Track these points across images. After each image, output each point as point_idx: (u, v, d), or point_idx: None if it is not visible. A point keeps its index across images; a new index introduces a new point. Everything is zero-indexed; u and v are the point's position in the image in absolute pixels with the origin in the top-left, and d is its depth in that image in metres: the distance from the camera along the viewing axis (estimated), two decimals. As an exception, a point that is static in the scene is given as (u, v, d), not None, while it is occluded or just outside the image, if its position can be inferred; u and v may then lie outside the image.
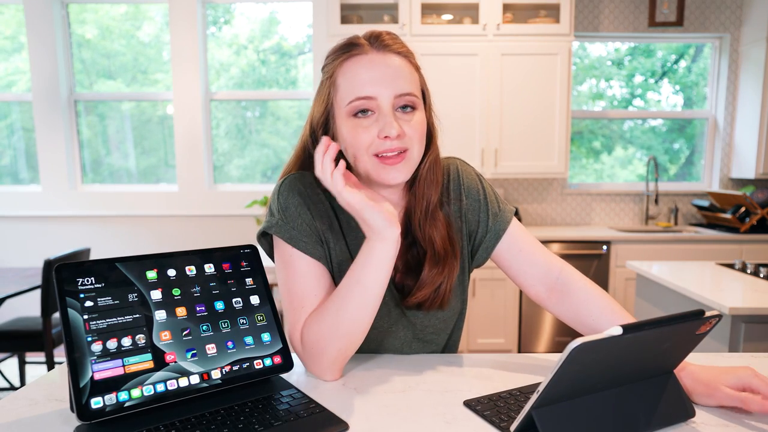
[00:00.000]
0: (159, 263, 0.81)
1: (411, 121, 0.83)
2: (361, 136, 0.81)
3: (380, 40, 0.83)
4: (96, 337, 0.72)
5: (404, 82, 0.82)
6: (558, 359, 0.58)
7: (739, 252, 3.24)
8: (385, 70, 0.81)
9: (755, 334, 1.68)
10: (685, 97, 3.95)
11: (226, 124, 3.88)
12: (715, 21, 3.66)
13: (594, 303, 0.90)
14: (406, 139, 0.82)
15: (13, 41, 3.79)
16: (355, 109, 0.81)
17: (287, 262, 0.88)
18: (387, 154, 0.81)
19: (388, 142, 0.81)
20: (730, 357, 0.97)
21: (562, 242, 3.22)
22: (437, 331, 0.98)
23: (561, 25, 3.30)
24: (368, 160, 0.82)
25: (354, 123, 0.82)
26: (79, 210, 3.76)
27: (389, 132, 0.80)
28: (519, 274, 0.95)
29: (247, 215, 3.71)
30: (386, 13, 3.45)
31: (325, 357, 0.82)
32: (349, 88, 0.82)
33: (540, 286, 0.94)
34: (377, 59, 0.82)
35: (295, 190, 0.88)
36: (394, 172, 0.82)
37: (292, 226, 0.87)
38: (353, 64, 0.82)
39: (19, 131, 3.88)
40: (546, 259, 0.94)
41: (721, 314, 0.66)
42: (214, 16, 3.84)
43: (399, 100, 0.82)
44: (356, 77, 0.81)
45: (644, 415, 0.69)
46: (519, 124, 3.39)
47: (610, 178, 4.01)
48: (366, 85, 0.81)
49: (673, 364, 0.72)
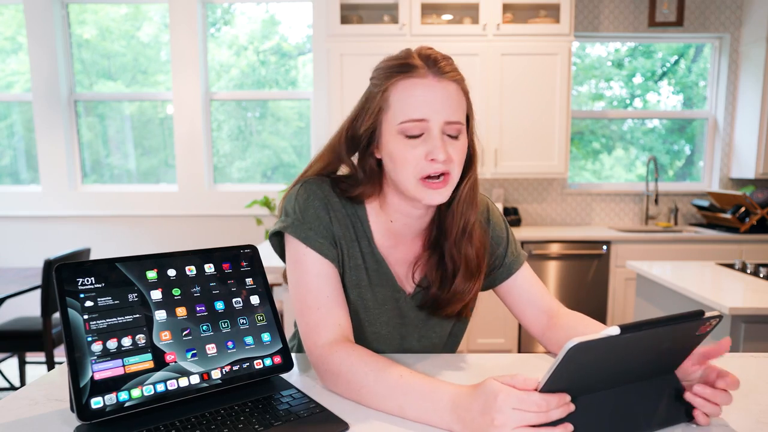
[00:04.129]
0: (159, 263, 0.81)
1: (455, 146, 0.86)
2: (410, 155, 0.84)
3: (438, 66, 0.85)
4: (96, 337, 0.72)
5: (455, 110, 0.85)
6: (555, 359, 0.58)
7: (739, 252, 3.24)
8: (440, 95, 0.84)
9: (755, 334, 1.68)
10: (685, 98, 3.95)
11: (229, 126, 3.88)
12: (715, 21, 3.66)
13: (582, 321, 0.95)
14: (449, 163, 0.85)
15: (13, 42, 3.80)
16: (406, 130, 0.84)
17: (300, 261, 0.89)
18: (431, 179, 0.85)
19: (434, 165, 0.84)
20: (730, 357, 0.97)
21: (562, 242, 3.23)
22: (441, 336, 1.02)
23: (561, 25, 3.30)
24: (413, 181, 0.85)
25: (404, 142, 0.85)
26: (79, 210, 3.76)
27: (437, 156, 0.83)
28: (520, 312, 1.03)
29: (247, 215, 3.71)
30: (386, 13, 3.45)
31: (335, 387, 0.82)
32: (403, 108, 0.84)
33: (538, 326, 1.01)
34: (433, 84, 0.84)
35: (316, 194, 0.91)
36: (436, 195, 0.85)
37: (309, 227, 0.89)
38: (410, 85, 0.84)
39: (19, 131, 3.88)
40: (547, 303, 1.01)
41: (722, 315, 0.66)
42: (214, 16, 3.84)
43: (448, 128, 0.84)
44: (411, 98, 0.84)
45: (644, 415, 0.69)
46: (519, 124, 3.39)
47: (610, 179, 4.01)
48: (420, 108, 0.83)
49: (674, 365, 0.72)
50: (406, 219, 0.94)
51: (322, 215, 0.90)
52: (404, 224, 0.95)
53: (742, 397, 0.79)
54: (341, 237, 0.91)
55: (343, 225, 0.92)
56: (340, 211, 0.92)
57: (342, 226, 0.92)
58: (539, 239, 3.23)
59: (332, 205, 0.92)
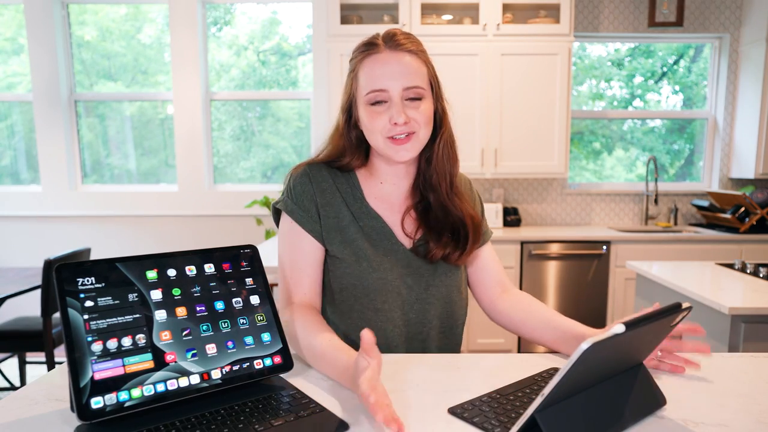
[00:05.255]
0: (159, 263, 0.81)
1: (418, 108, 0.98)
2: (375, 121, 0.98)
3: (394, 40, 0.98)
4: (96, 337, 0.72)
5: (412, 76, 0.97)
6: (568, 361, 0.57)
7: (739, 252, 3.24)
8: (395, 66, 0.97)
9: (755, 334, 1.68)
10: (685, 98, 3.95)
11: (231, 127, 3.88)
12: (715, 21, 3.66)
13: (526, 298, 1.09)
14: (413, 124, 0.97)
15: (14, 43, 3.80)
16: (371, 99, 0.98)
17: (285, 233, 1.04)
18: (397, 137, 0.97)
19: (397, 128, 0.97)
20: (730, 357, 0.97)
21: (562, 242, 3.23)
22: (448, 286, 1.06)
23: (561, 26, 3.30)
24: (382, 141, 0.99)
25: (370, 110, 0.98)
26: (79, 210, 3.76)
27: (397, 119, 0.96)
28: (477, 280, 1.14)
29: (247, 215, 3.71)
30: (386, 13, 3.45)
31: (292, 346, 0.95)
32: (366, 82, 0.98)
33: (490, 295, 1.13)
34: (390, 57, 0.97)
35: (305, 173, 1.05)
36: (402, 151, 0.98)
37: (294, 201, 1.03)
38: (370, 61, 0.98)
39: (19, 132, 3.88)
40: (502, 278, 1.14)
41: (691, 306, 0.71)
42: (214, 16, 3.84)
43: (407, 92, 0.97)
44: (372, 72, 0.97)
45: (628, 407, 0.70)
46: (519, 124, 3.39)
47: (611, 179, 4.01)
48: (379, 80, 0.96)
49: (644, 355, 0.75)
50: (393, 179, 1.07)
51: (307, 189, 1.03)
52: (392, 184, 1.08)
53: (742, 397, 0.79)
54: (327, 204, 1.03)
55: (330, 192, 1.04)
56: (327, 181, 1.05)
57: (329, 193, 1.04)
58: (539, 239, 3.23)
59: (319, 178, 1.04)
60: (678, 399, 0.79)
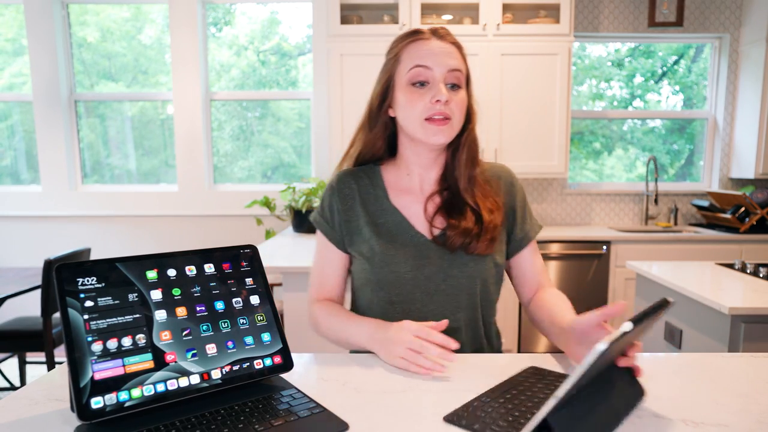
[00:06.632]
0: (159, 263, 0.81)
1: (456, 96, 1.01)
2: (416, 101, 1.00)
3: (439, 33, 1.03)
4: (96, 337, 0.72)
5: (455, 61, 1.01)
6: (583, 363, 0.57)
7: (739, 252, 3.24)
8: (441, 50, 1.01)
9: (755, 334, 1.68)
10: (685, 98, 3.95)
11: (231, 127, 3.88)
12: (715, 21, 3.66)
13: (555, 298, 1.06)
14: (452, 106, 1.00)
15: (14, 43, 3.80)
16: (414, 76, 1.00)
17: (317, 242, 1.14)
18: (435, 117, 0.99)
19: (438, 106, 0.99)
20: (730, 357, 0.97)
21: (562, 242, 3.23)
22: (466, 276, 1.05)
23: (561, 26, 3.30)
24: (419, 123, 1.01)
25: (411, 90, 1.01)
26: (79, 210, 3.76)
27: (440, 97, 0.98)
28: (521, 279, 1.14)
29: (247, 215, 3.71)
30: (386, 13, 3.45)
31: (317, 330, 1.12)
32: (410, 60, 1.01)
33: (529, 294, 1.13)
34: (436, 44, 1.02)
35: (330, 187, 1.12)
36: (439, 134, 1.00)
37: (320, 214, 1.13)
38: (416, 45, 1.02)
39: (19, 132, 3.88)
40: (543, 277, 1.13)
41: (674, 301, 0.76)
42: (214, 16, 3.84)
43: (450, 75, 1.00)
44: (418, 52, 1.01)
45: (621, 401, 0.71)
46: (519, 124, 3.39)
47: (611, 178, 4.01)
48: (425, 58, 1.00)
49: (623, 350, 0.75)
50: (419, 170, 1.10)
51: (333, 201, 1.10)
52: (418, 175, 1.10)
53: (742, 397, 0.79)
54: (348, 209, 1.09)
55: (350, 197, 1.10)
56: (349, 187, 1.10)
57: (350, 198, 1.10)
58: (539, 239, 3.22)
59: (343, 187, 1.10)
60: (678, 399, 0.79)
